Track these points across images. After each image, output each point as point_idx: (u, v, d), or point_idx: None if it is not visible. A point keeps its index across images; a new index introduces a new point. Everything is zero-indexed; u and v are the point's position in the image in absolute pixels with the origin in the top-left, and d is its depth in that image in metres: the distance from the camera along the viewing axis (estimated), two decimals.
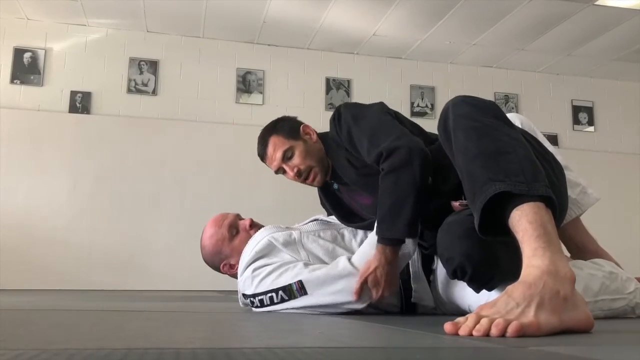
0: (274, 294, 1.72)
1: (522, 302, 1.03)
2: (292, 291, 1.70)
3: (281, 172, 1.98)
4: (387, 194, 1.66)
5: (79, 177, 4.73)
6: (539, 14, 4.55)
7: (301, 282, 1.69)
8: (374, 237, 1.70)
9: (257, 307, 1.77)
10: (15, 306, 2.05)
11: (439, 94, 5.51)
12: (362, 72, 5.43)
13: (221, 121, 5.07)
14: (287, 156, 1.93)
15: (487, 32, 4.92)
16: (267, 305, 1.73)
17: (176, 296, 3.28)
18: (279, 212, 4.51)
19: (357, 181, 1.87)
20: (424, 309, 1.84)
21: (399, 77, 5.50)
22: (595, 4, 4.36)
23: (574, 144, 5.71)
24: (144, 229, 4.75)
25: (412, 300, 1.82)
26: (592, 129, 5.84)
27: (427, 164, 1.66)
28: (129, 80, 4.99)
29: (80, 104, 4.85)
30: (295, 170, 1.92)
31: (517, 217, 1.17)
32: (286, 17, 4.74)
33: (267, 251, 1.81)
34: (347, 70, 5.42)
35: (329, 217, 2.06)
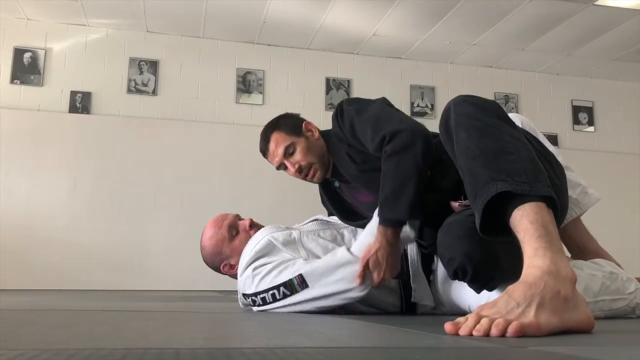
0: (275, 291, 1.71)
1: (522, 302, 1.03)
2: (293, 286, 1.70)
3: (282, 168, 2.00)
4: (389, 176, 1.67)
5: (79, 177, 4.73)
6: (539, 14, 4.55)
7: (302, 275, 1.69)
8: (373, 226, 1.71)
9: (260, 305, 1.77)
10: (15, 306, 2.05)
11: (439, 94, 5.50)
12: (362, 72, 5.43)
13: (221, 121, 5.07)
14: (289, 152, 1.95)
15: (487, 32, 4.92)
16: (270, 302, 1.73)
17: (176, 296, 3.28)
18: (279, 212, 4.51)
19: (358, 177, 1.88)
20: (424, 308, 1.84)
21: (399, 77, 5.50)
22: (595, 4, 4.36)
23: (574, 144, 5.71)
24: (144, 229, 4.75)
25: (412, 300, 1.82)
26: (592, 129, 5.84)
27: (430, 146, 1.67)
28: (129, 80, 4.99)
29: (80, 104, 4.85)
30: (296, 166, 1.94)
31: (518, 217, 1.17)
32: (286, 17, 4.74)
33: (267, 250, 1.81)
34: (347, 70, 5.42)
35: (330, 217, 2.06)
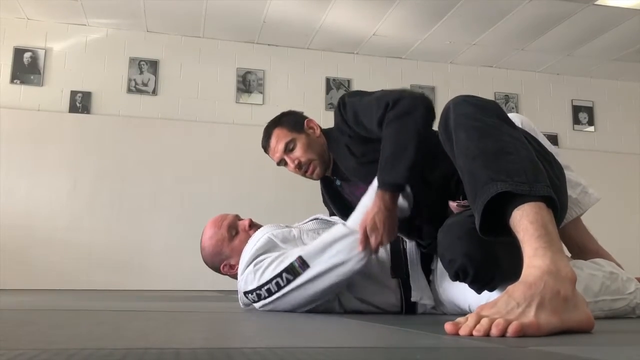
0: (279, 279, 1.71)
1: (522, 302, 1.03)
2: (295, 269, 1.70)
3: (283, 163, 2.02)
4: (389, 141, 1.68)
5: (79, 177, 4.73)
6: (539, 14, 4.55)
7: (301, 257, 1.70)
8: (367, 199, 1.72)
9: (265, 298, 1.74)
10: (15, 306, 2.05)
11: (439, 94, 5.50)
12: (362, 72, 5.43)
13: (221, 121, 5.06)
14: (289, 148, 1.97)
15: (487, 32, 4.92)
16: (275, 292, 1.72)
17: (176, 296, 3.28)
18: (279, 212, 4.52)
19: (358, 171, 1.88)
20: (424, 308, 1.84)
21: (399, 77, 5.49)
22: (595, 4, 4.36)
23: (574, 144, 5.71)
24: (144, 229, 4.75)
25: (412, 299, 1.82)
26: (592, 129, 5.84)
27: (431, 113, 1.71)
28: (129, 80, 4.98)
29: (80, 103, 4.85)
30: (295, 162, 1.96)
31: (518, 217, 1.17)
32: (286, 17, 4.74)
33: (267, 248, 1.81)
34: (347, 70, 5.42)
35: (331, 217, 2.07)
